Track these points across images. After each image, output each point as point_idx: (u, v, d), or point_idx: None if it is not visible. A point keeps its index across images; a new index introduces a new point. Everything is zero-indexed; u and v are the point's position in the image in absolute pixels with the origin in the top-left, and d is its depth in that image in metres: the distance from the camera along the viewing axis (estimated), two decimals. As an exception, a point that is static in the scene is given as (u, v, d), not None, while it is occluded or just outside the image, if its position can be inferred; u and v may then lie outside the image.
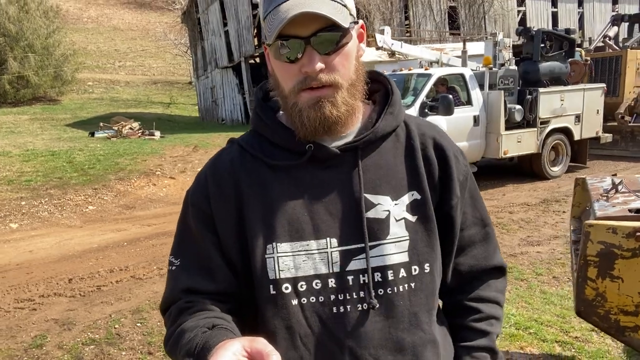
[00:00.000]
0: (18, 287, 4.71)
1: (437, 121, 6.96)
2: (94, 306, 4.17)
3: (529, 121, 8.38)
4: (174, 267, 0.99)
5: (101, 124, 16.22)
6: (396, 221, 0.94)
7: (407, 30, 19.24)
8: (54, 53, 26.91)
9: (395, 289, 0.92)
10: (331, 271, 0.91)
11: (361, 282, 0.91)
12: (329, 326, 0.91)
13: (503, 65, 9.03)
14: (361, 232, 0.91)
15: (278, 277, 0.91)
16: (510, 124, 8.16)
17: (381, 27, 9.22)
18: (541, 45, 8.54)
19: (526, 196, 7.55)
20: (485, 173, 8.94)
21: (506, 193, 7.85)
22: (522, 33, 8.95)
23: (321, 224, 0.92)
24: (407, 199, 0.95)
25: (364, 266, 0.91)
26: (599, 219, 2.00)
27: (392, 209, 0.94)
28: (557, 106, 8.62)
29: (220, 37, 22.63)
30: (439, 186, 0.99)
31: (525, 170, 8.91)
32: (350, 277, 0.91)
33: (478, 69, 8.79)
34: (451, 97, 7.26)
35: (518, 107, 8.16)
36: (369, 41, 8.50)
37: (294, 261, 0.91)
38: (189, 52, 30.57)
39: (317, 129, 0.90)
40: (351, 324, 0.90)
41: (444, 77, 7.94)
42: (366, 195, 0.93)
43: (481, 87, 8.22)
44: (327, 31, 0.86)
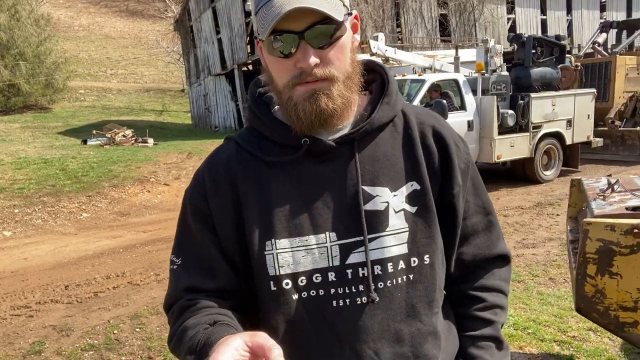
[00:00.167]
0: (14, 295, 4.67)
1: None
2: (91, 312, 4.14)
3: (521, 126, 8.48)
4: (175, 266, 0.99)
5: (94, 132, 16.15)
6: (395, 212, 0.93)
7: (399, 37, 19.41)
8: (45, 61, 26.80)
9: (395, 281, 0.92)
10: (331, 265, 0.91)
11: (360, 275, 0.91)
12: (329, 320, 0.91)
13: (495, 71, 9.14)
14: (359, 225, 0.90)
15: (278, 274, 0.90)
16: (503, 129, 8.26)
17: (375, 34, 9.30)
18: (532, 51, 8.68)
19: (520, 200, 7.63)
20: (479, 177, 9.01)
21: (500, 197, 7.93)
22: (514, 39, 9.08)
23: (319, 219, 0.91)
24: (406, 189, 0.94)
25: (363, 259, 0.91)
26: (597, 217, 2.04)
27: (391, 201, 0.93)
28: (549, 111, 8.73)
29: (213, 45, 22.68)
30: (440, 175, 0.97)
31: (518, 174, 9.00)
32: (349, 271, 0.91)
33: (471, 74, 8.90)
34: (445, 102, 7.34)
35: (510, 112, 8.26)
36: (362, 47, 8.58)
37: (293, 257, 0.91)
38: (181, 59, 30.57)
39: (313, 122, 0.89)
40: (351, 318, 0.90)
41: (437, 82, 8.03)
42: (364, 187, 0.92)
43: (474, 92, 8.31)
44: (321, 24, 0.84)
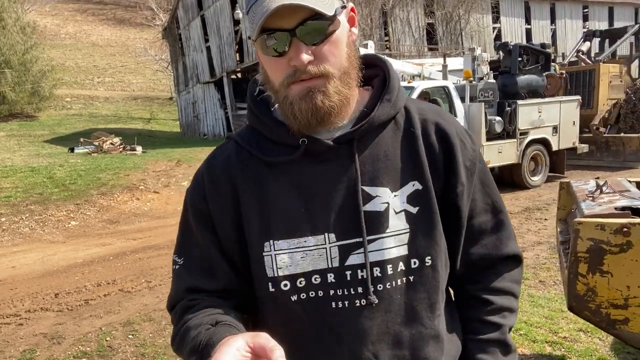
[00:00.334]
0: (2, 303, 4.60)
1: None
2: (82, 320, 4.10)
3: (508, 132, 8.62)
4: (177, 267, 0.99)
5: (82, 140, 16.01)
6: (396, 213, 0.90)
7: (387, 45, 19.63)
8: (31, 69, 26.52)
9: (394, 283, 0.90)
10: (330, 266, 0.89)
11: (359, 277, 0.89)
12: (328, 321, 0.90)
13: (482, 78, 9.29)
14: (359, 226, 0.89)
15: (276, 275, 0.90)
16: (491, 135, 8.38)
17: (364, 42, 9.40)
18: (518, 59, 8.84)
19: (508, 205, 7.73)
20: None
21: (489, 202, 8.01)
22: (500, 47, 9.25)
23: (318, 220, 0.90)
24: (407, 189, 0.92)
25: (363, 261, 0.89)
26: (587, 216, 2.10)
27: (392, 201, 0.91)
28: (535, 118, 8.89)
29: (202, 53, 22.69)
30: (443, 174, 0.94)
31: (506, 180, 9.12)
32: (348, 272, 0.89)
33: (459, 82, 9.03)
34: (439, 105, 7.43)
35: (498, 118, 8.39)
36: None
37: (292, 258, 0.89)
38: (169, 67, 30.49)
39: (310, 121, 0.87)
40: (350, 320, 0.89)
41: (426, 89, 8.13)
42: (364, 187, 0.90)
43: (462, 99, 8.44)
44: (313, 20, 0.82)
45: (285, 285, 0.90)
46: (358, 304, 0.89)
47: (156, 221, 8.22)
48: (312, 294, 0.90)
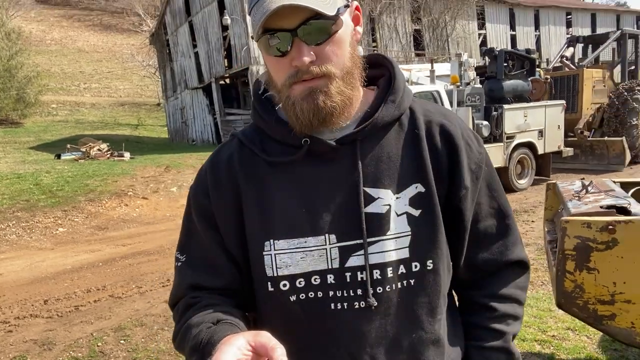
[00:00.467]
0: (-10, 310, 4.55)
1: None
2: (73, 326, 4.07)
3: (495, 136, 8.74)
4: (179, 263, 0.99)
5: (68, 146, 15.87)
6: (397, 216, 0.89)
7: (374, 51, 19.78)
8: (16, 75, 26.26)
9: (394, 286, 0.89)
10: (330, 267, 0.89)
11: (359, 279, 0.88)
12: (327, 323, 0.89)
13: (469, 83, 9.42)
14: (360, 227, 0.88)
15: (276, 275, 0.89)
16: (479, 139, 8.49)
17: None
18: (504, 64, 8.99)
19: (496, 208, 7.82)
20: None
21: (477, 206, 8.11)
22: (486, 53, 9.40)
23: (319, 220, 0.89)
24: (410, 192, 0.91)
25: (363, 263, 0.88)
26: (574, 215, 2.15)
27: (394, 203, 0.90)
28: (521, 122, 9.03)
29: (190, 59, 22.64)
30: (447, 177, 0.93)
31: (493, 183, 9.21)
32: (348, 274, 0.89)
33: (446, 87, 9.14)
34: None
35: (485, 122, 8.51)
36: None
37: (291, 258, 0.89)
38: (157, 73, 30.36)
39: (312, 121, 0.86)
40: (348, 322, 0.89)
41: (415, 94, 8.22)
42: (365, 188, 0.89)
43: (450, 104, 8.54)
44: (315, 20, 0.81)
45: (285, 285, 0.89)
46: (357, 306, 0.89)
47: (145, 227, 8.18)
48: (311, 294, 0.89)
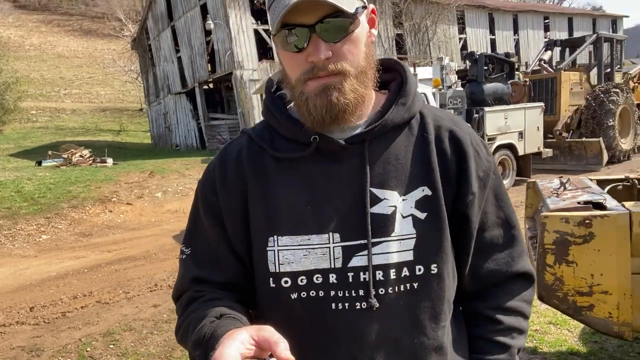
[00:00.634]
0: (-25, 319, 4.49)
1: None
2: (60, 332, 4.05)
3: (477, 138, 8.91)
4: (184, 256, 0.99)
5: (50, 152, 15.65)
6: (403, 218, 0.89)
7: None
8: (-6, 81, 25.81)
9: (397, 288, 0.89)
10: (333, 266, 0.88)
11: (362, 279, 0.88)
12: (328, 322, 0.89)
13: (450, 87, 9.59)
14: (364, 227, 0.88)
15: (278, 271, 0.90)
16: (461, 141, 8.64)
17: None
18: (484, 67, 9.18)
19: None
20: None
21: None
22: (467, 57, 9.59)
23: (324, 218, 0.89)
24: (416, 194, 0.91)
25: (366, 263, 0.88)
26: (553, 211, 2.25)
27: (399, 205, 0.90)
28: (502, 124, 9.22)
29: (173, 63, 22.52)
30: (454, 182, 0.93)
31: (476, 184, 9.38)
32: (351, 274, 0.88)
33: (433, 90, 9.30)
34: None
35: (467, 125, 8.67)
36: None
37: (294, 255, 0.89)
38: (139, 78, 30.10)
39: (324, 118, 0.87)
40: (349, 322, 0.88)
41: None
42: (372, 189, 0.89)
43: (432, 107, 8.69)
44: (334, 17, 0.83)
45: (286, 282, 0.90)
46: (358, 307, 0.88)
47: (131, 233, 8.13)
48: (312, 293, 0.89)
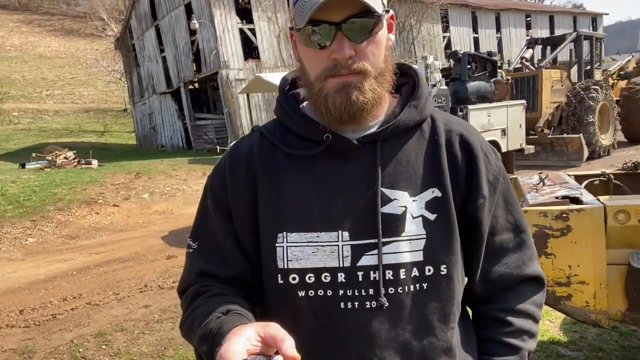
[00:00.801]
0: (-37, 323, 4.47)
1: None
2: (52, 334, 4.06)
3: (461, 136, 9.05)
4: (191, 250, 1.00)
5: (34, 154, 15.46)
6: (413, 218, 0.90)
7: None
8: (-26, 83, 25.37)
9: (406, 288, 0.89)
10: (341, 265, 0.88)
11: (371, 279, 0.88)
12: (336, 321, 0.89)
13: (435, 85, 9.72)
14: (375, 227, 0.88)
15: (286, 267, 0.90)
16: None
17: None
18: (467, 66, 9.33)
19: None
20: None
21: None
22: (451, 56, 9.73)
23: (333, 216, 0.90)
24: (426, 195, 0.92)
25: (376, 262, 0.88)
26: (532, 205, 2.36)
27: (410, 206, 0.90)
28: (485, 121, 9.38)
29: (157, 63, 22.37)
30: (464, 185, 0.94)
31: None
32: (360, 273, 0.88)
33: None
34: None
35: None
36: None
37: (303, 252, 0.89)
38: (123, 78, 29.82)
39: (342, 115, 0.88)
40: (358, 322, 0.88)
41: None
42: (383, 189, 0.90)
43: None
44: (359, 17, 0.84)
45: (294, 279, 0.90)
46: (368, 306, 0.88)
47: (118, 234, 8.11)
48: (320, 292, 0.89)
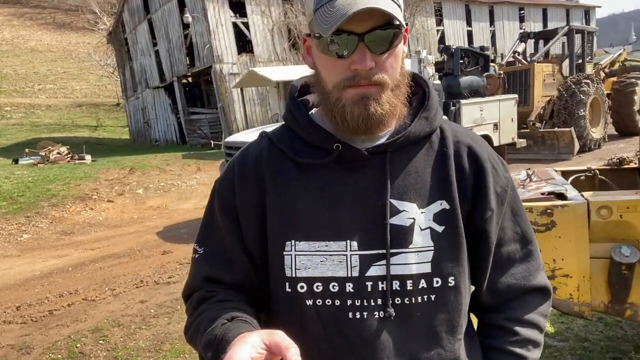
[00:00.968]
0: (-40, 319, 4.51)
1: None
2: (49, 329, 4.11)
3: (454, 130, 9.14)
4: (197, 255, 1.00)
5: (27, 150, 15.40)
6: (421, 230, 0.91)
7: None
8: (-36, 77, 25.13)
9: (414, 299, 0.89)
10: (349, 275, 0.89)
11: (379, 289, 0.89)
12: (343, 331, 0.89)
13: (428, 80, 9.77)
14: (383, 237, 0.89)
15: (294, 276, 0.90)
16: (438, 133, 8.86)
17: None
18: (460, 61, 9.39)
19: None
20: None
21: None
22: (444, 50, 9.78)
23: (342, 226, 0.90)
24: (434, 208, 0.92)
25: (384, 273, 0.89)
26: (518, 202, 2.43)
27: (418, 217, 0.91)
28: (478, 116, 9.46)
29: (150, 57, 22.25)
30: (472, 197, 0.95)
31: (453, 175, 9.62)
32: (369, 283, 0.89)
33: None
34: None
35: (444, 117, 8.88)
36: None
37: (311, 260, 0.89)
38: (116, 72, 29.64)
39: (359, 126, 0.89)
40: (366, 332, 0.88)
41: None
42: (391, 200, 0.91)
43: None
44: (382, 30, 0.84)
45: (302, 288, 0.90)
46: (376, 316, 0.89)
47: (113, 230, 8.14)
48: (328, 302, 0.89)
